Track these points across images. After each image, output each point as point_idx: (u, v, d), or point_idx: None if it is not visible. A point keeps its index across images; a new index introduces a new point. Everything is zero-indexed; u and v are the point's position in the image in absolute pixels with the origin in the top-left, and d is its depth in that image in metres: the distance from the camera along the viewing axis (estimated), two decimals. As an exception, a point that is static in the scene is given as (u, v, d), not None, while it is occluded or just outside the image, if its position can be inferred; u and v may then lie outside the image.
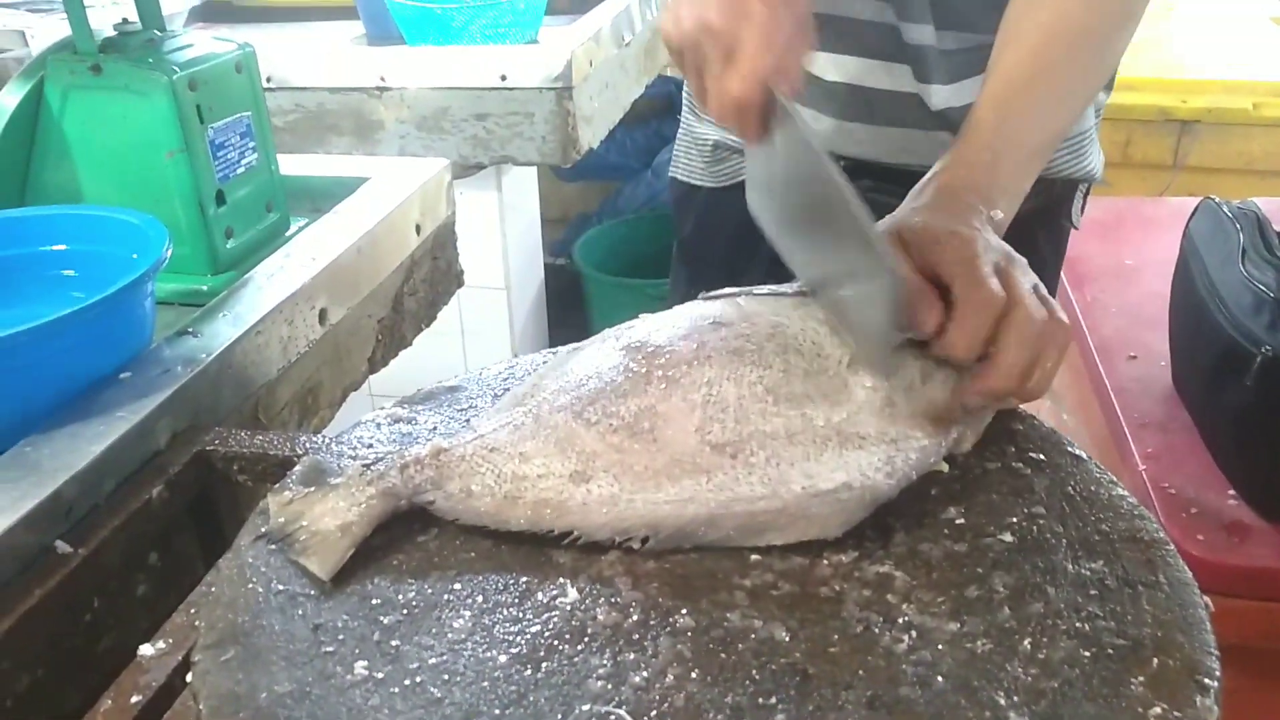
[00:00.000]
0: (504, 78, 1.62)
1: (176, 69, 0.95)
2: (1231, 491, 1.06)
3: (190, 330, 0.85)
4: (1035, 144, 0.76)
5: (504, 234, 1.88)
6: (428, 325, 1.20)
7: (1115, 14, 0.77)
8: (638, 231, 2.59)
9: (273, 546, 0.59)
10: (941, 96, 0.91)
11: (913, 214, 0.67)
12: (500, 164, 1.76)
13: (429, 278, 1.20)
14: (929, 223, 0.65)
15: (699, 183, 1.06)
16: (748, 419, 0.59)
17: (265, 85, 1.59)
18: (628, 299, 2.37)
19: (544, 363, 0.73)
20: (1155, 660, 0.49)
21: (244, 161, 1.03)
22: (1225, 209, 1.15)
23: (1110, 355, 1.30)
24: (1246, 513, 1.03)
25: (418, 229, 1.17)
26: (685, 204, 1.09)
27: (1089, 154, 0.98)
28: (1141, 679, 0.48)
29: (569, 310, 2.37)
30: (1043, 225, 0.99)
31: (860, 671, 0.49)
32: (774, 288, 0.69)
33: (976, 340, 0.60)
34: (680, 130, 1.09)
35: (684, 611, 0.53)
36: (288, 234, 1.08)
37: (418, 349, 1.19)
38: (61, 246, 0.90)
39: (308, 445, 0.73)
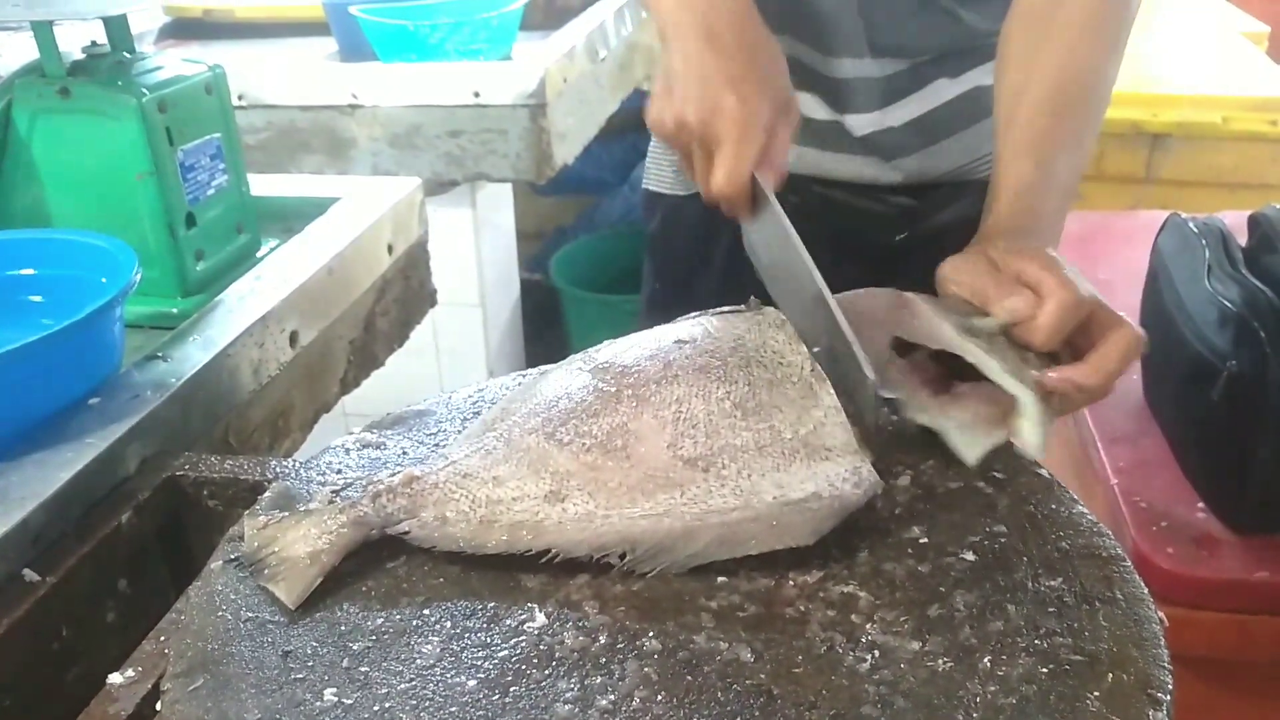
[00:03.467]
0: (477, 94, 1.63)
1: (146, 91, 0.95)
2: (1201, 504, 1.07)
3: (160, 354, 0.85)
4: (1067, 184, 0.78)
5: (478, 250, 1.88)
6: (400, 345, 1.20)
7: (1114, 43, 0.79)
8: (614, 246, 2.59)
9: (244, 572, 0.59)
10: (864, 123, 0.94)
11: (988, 242, 0.71)
12: (474, 181, 1.76)
13: (401, 297, 1.20)
14: (1010, 244, 0.69)
15: (667, 191, 1.09)
16: (718, 433, 0.60)
17: (236, 103, 1.58)
18: (604, 314, 2.37)
19: (516, 384, 0.73)
20: (1110, 675, 0.50)
21: (214, 183, 1.03)
22: (1191, 225, 1.17)
23: (1081, 368, 1.31)
24: (1215, 525, 1.04)
25: (389, 249, 1.17)
26: (652, 206, 1.13)
27: None
28: (1097, 694, 0.49)
29: (545, 326, 2.37)
30: None
31: (824, 691, 0.50)
32: (731, 308, 0.70)
33: (1060, 332, 0.64)
34: (651, 143, 1.12)
35: (651, 634, 0.54)
36: (258, 255, 1.08)
37: (392, 368, 1.19)
38: (29, 271, 0.90)
39: (278, 470, 0.73)
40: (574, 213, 2.75)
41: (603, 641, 0.54)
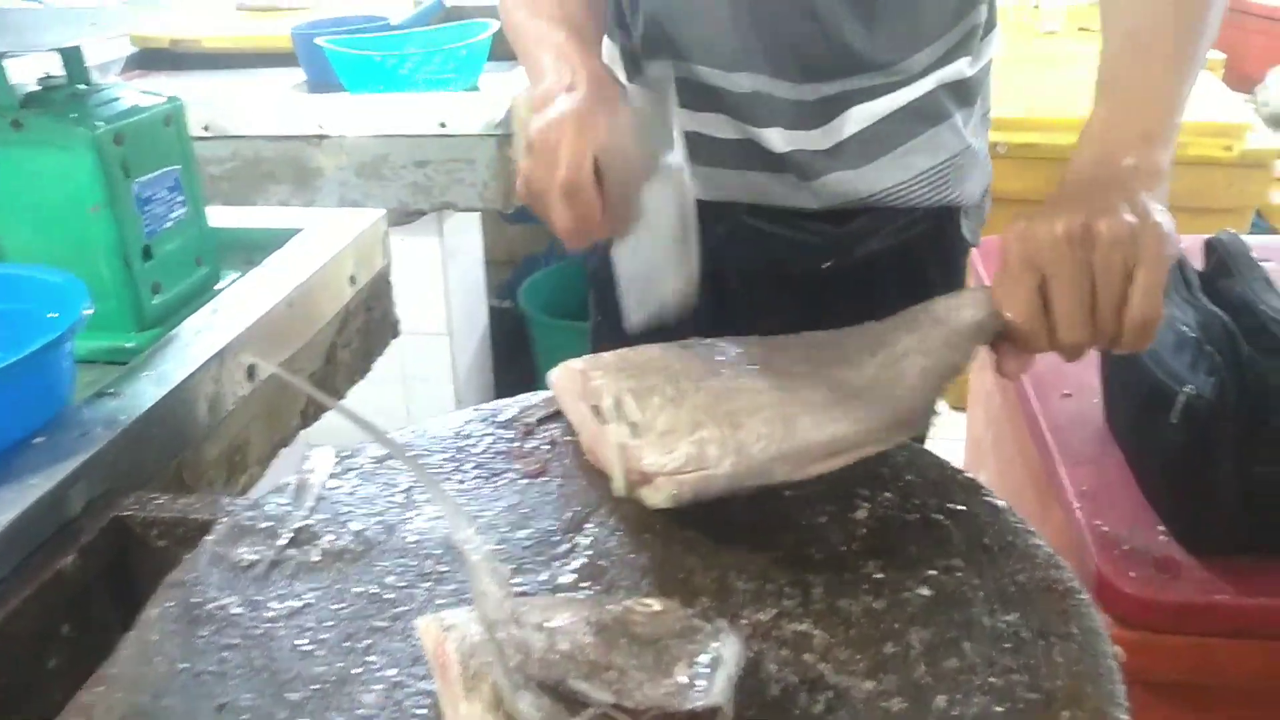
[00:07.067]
0: (443, 124, 1.62)
1: (101, 123, 0.94)
2: (1162, 528, 1.07)
3: (111, 391, 0.84)
4: (1159, 115, 0.75)
5: (445, 279, 1.88)
6: (362, 377, 1.19)
7: None
8: (583, 273, 2.57)
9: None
10: (781, 140, 0.92)
11: (1057, 206, 0.70)
12: (441, 210, 1.75)
13: (363, 329, 1.19)
14: (1082, 203, 0.70)
15: None
16: None
17: (202, 133, 1.57)
18: (572, 342, 2.35)
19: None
20: (1065, 713, 0.49)
21: (172, 215, 1.02)
22: (1149, 249, 1.18)
23: (1045, 392, 1.31)
24: (1176, 549, 1.04)
25: (352, 280, 1.16)
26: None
27: (952, 183, 0.98)
28: (1051, 733, 0.48)
29: (514, 354, 2.35)
30: (930, 249, 1.00)
31: (777, 734, 0.49)
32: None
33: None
34: None
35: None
36: (217, 288, 1.07)
37: (358, 397, 1.17)
38: (-23, 306, 0.88)
39: (229, 508, 0.71)
40: (545, 240, 2.75)
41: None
